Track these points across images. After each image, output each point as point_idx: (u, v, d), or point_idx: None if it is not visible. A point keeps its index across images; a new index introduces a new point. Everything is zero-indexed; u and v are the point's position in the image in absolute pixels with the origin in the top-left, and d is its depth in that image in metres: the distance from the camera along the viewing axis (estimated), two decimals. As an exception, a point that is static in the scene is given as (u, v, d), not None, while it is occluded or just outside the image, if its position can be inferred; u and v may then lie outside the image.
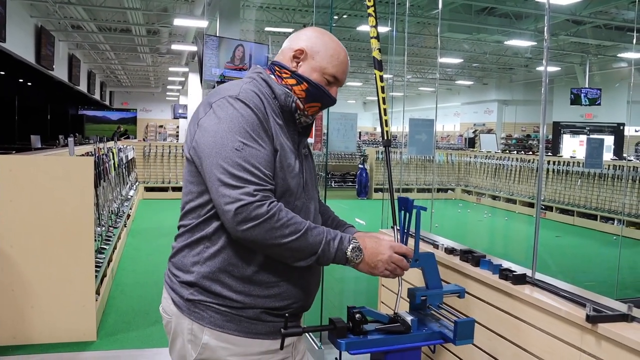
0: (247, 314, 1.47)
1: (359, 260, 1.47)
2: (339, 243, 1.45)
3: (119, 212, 6.80)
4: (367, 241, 1.50)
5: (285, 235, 1.38)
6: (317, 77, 1.56)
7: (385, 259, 1.49)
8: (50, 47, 13.39)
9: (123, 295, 4.96)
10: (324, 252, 1.43)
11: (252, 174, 1.37)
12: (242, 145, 1.39)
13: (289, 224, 1.39)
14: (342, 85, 1.66)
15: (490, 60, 18.83)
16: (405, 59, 3.44)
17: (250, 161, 1.38)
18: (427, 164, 13.51)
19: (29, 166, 3.75)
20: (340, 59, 1.60)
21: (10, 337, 3.71)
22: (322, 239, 1.43)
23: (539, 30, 13.14)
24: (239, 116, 1.42)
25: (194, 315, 1.48)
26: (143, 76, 26.45)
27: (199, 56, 7.21)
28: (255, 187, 1.37)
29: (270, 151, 1.44)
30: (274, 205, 1.38)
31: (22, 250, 3.68)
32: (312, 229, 1.43)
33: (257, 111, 1.44)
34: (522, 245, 8.05)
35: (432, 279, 1.72)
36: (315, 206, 1.65)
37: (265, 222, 1.36)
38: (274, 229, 1.37)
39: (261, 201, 1.36)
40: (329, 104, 1.63)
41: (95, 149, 6.14)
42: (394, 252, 1.51)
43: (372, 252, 1.49)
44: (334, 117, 3.62)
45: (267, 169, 1.41)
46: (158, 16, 13.26)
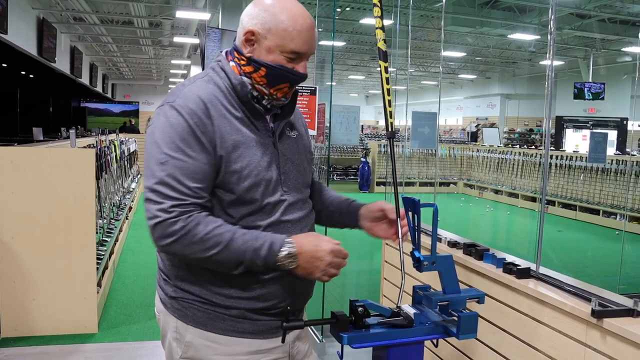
0: (230, 312, 1.43)
1: (291, 267, 1.37)
2: (267, 250, 1.35)
3: (120, 204, 6.80)
4: (304, 244, 1.37)
5: (205, 250, 1.32)
6: (275, 57, 1.41)
7: (322, 266, 1.37)
8: (52, 39, 13.36)
9: (124, 287, 4.96)
10: (252, 261, 1.35)
11: (172, 188, 1.32)
12: (167, 157, 1.33)
13: (207, 238, 1.32)
14: (310, 55, 1.47)
15: (493, 54, 18.76)
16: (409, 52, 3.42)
17: (173, 174, 1.32)
18: (429, 157, 13.49)
19: (31, 158, 3.73)
20: (297, 28, 1.40)
21: (12, 329, 3.71)
22: (247, 248, 1.34)
23: (543, 23, 13.07)
24: (168, 126, 1.35)
25: (178, 313, 1.45)
26: (145, 69, 26.41)
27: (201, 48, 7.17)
28: (173, 202, 1.31)
29: (204, 160, 1.35)
30: (191, 220, 1.32)
31: (23, 243, 3.68)
32: (236, 238, 1.34)
33: (190, 118, 1.35)
34: (524, 239, 8.03)
35: (450, 283, 1.63)
36: (303, 196, 1.55)
37: (182, 238, 1.31)
38: (192, 244, 1.32)
39: (176, 217, 1.31)
40: (298, 81, 1.46)
41: (97, 141, 6.12)
42: (334, 256, 1.38)
43: (310, 256, 1.37)
44: (337, 109, 3.60)
45: (192, 181, 1.33)
46: (160, 8, 13.22)
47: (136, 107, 29.42)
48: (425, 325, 1.59)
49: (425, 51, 18.32)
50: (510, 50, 18.01)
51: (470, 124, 23.10)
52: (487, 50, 17.81)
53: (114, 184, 6.57)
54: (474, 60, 20.81)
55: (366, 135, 17.95)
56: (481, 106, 25.06)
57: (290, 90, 1.47)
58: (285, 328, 1.40)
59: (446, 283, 1.65)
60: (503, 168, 12.57)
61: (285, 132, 1.53)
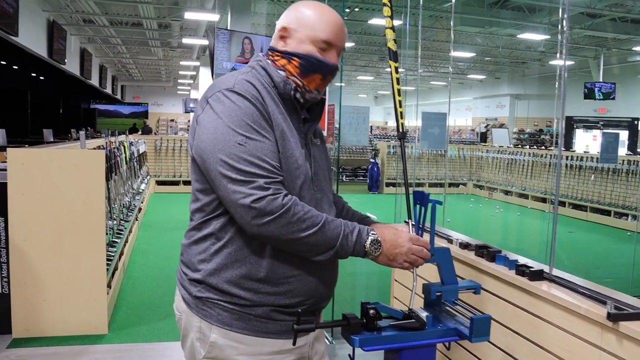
0: (256, 312, 1.43)
1: (377, 253, 1.43)
2: (357, 236, 1.41)
3: (130, 205, 6.82)
4: (385, 233, 1.46)
5: (301, 230, 1.34)
6: (307, 48, 1.47)
7: (404, 251, 1.46)
8: (62, 41, 13.45)
9: (134, 288, 4.97)
10: (342, 246, 1.39)
11: (260, 167, 1.33)
12: (245, 139, 1.34)
13: (305, 218, 1.34)
14: (342, 47, 1.53)
15: (502, 54, 18.67)
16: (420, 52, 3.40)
17: (257, 154, 1.33)
18: (438, 158, 13.44)
19: (41, 160, 3.74)
20: (326, 19, 1.49)
21: (24, 330, 3.72)
22: (340, 232, 1.39)
23: (553, 23, 12.99)
24: (237, 109, 1.37)
25: (202, 313, 1.46)
26: (154, 70, 26.52)
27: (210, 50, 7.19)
28: (266, 179, 1.32)
29: (274, 141, 1.39)
30: (289, 199, 1.34)
31: (34, 244, 3.69)
32: (329, 222, 1.38)
33: (254, 101, 1.38)
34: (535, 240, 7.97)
35: (448, 275, 1.68)
36: (328, 198, 1.59)
37: (281, 216, 1.32)
38: (290, 224, 1.33)
39: (275, 194, 1.32)
40: (329, 71, 1.50)
41: (107, 143, 6.14)
42: (413, 244, 1.47)
43: (391, 244, 1.45)
44: (346, 110, 3.59)
45: (274, 161, 1.36)
46: (169, 10, 13.27)
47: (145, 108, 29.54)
48: (437, 328, 1.57)
49: (434, 51, 18.28)
50: (519, 50, 17.92)
51: (480, 125, 23.03)
52: (496, 50, 17.73)
53: (124, 185, 6.59)
54: (483, 61, 20.73)
55: (375, 136, 17.93)
56: (490, 106, 24.96)
57: (323, 83, 1.51)
58: (297, 330, 1.40)
59: (444, 274, 1.69)
60: (513, 169, 12.50)
61: (311, 138, 1.57)
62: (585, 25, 13.21)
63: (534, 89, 22.61)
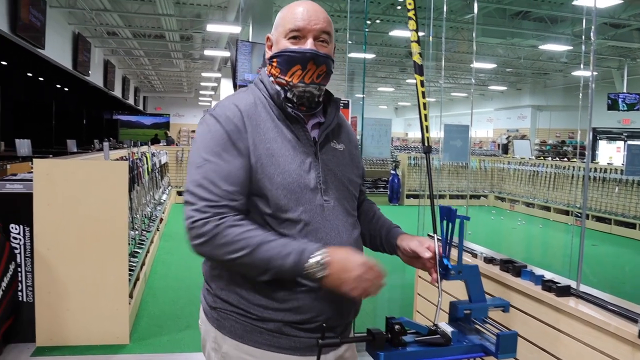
0: (267, 326, 1.42)
1: (320, 275, 1.34)
2: (296, 257, 1.34)
3: (152, 216, 6.87)
4: (337, 255, 1.35)
5: (232, 252, 1.34)
6: (282, 45, 1.48)
7: (353, 277, 1.33)
8: (86, 53, 13.69)
9: (155, 299, 4.99)
10: (279, 267, 1.34)
11: (206, 189, 1.36)
12: (204, 161, 1.39)
13: (235, 240, 1.34)
14: (318, 28, 1.47)
15: (524, 65, 18.55)
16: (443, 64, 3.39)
17: (208, 177, 1.37)
18: (459, 170, 13.35)
19: (66, 170, 3.80)
20: (293, 10, 1.48)
21: (47, 339, 3.76)
22: (276, 253, 1.34)
23: (576, 34, 12.88)
24: (207, 132, 1.42)
25: (216, 323, 1.47)
26: (176, 81, 26.83)
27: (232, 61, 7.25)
28: (207, 203, 1.36)
29: (238, 164, 1.39)
30: (223, 222, 1.35)
31: (58, 253, 3.73)
32: (265, 243, 1.35)
33: (226, 125, 1.41)
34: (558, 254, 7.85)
35: (476, 292, 1.64)
36: (344, 206, 1.52)
37: (212, 239, 1.35)
38: (221, 246, 1.35)
39: (208, 218, 1.35)
40: (306, 59, 1.45)
41: (130, 153, 6.21)
42: (366, 270, 1.35)
43: (341, 267, 1.34)
44: (368, 122, 3.59)
45: (226, 184, 1.37)
46: (191, 22, 13.44)
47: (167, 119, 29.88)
48: (462, 344, 1.55)
49: (454, 63, 18.23)
50: (541, 61, 17.79)
51: (501, 136, 22.84)
52: (517, 61, 17.63)
53: (146, 195, 6.65)
54: (505, 72, 20.61)
55: (396, 147, 17.87)
56: (512, 118, 24.78)
57: (306, 73, 1.46)
58: (321, 345, 1.37)
59: (472, 292, 1.65)
60: (535, 180, 12.36)
61: (329, 143, 1.54)
62: (608, 35, 13.08)
63: (556, 100, 22.40)
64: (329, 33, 1.50)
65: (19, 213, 3.75)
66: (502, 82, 23.27)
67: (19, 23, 8.73)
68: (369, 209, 1.73)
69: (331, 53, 1.51)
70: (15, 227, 3.76)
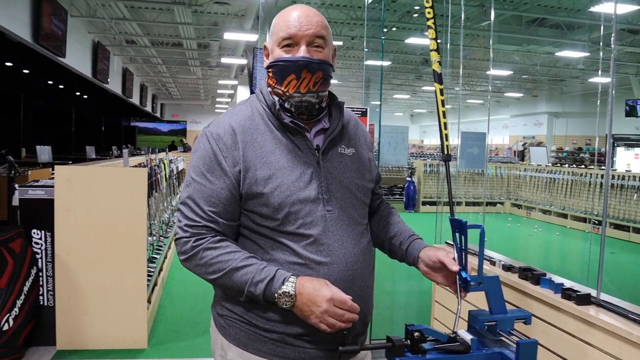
0: (271, 336, 1.41)
1: (287, 306, 1.34)
2: (266, 285, 1.34)
3: (169, 222, 6.93)
4: (306, 287, 1.32)
5: (209, 273, 1.38)
6: (276, 54, 1.44)
7: (319, 312, 1.30)
8: (105, 62, 13.87)
9: (172, 304, 5.03)
10: (251, 292, 1.35)
11: (190, 209, 1.40)
12: (191, 180, 1.43)
13: (211, 263, 1.37)
14: (311, 34, 1.42)
15: (540, 71, 18.44)
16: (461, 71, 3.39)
17: (192, 196, 1.40)
18: (475, 177, 13.28)
19: (86, 177, 3.85)
20: (284, 18, 1.44)
21: (67, 342, 3.80)
22: (248, 279, 1.35)
23: (593, 40, 12.79)
24: (197, 151, 1.45)
25: (223, 331, 1.48)
26: (193, 89, 27.05)
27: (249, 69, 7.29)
28: (188, 222, 1.40)
29: (222, 185, 1.40)
30: (201, 243, 1.38)
31: (78, 258, 3.78)
32: (238, 268, 1.36)
33: (215, 144, 1.41)
34: (575, 261, 7.78)
35: (497, 304, 1.61)
36: (350, 215, 1.48)
37: (191, 258, 1.39)
38: (199, 266, 1.39)
39: (188, 238, 1.39)
40: (299, 67, 1.40)
41: (147, 160, 6.27)
42: (334, 305, 1.30)
43: (307, 300, 1.31)
44: (386, 130, 3.60)
45: (207, 205, 1.39)
46: (208, 30, 13.57)
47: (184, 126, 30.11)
48: (482, 352, 1.55)
49: (470, 70, 18.18)
50: (558, 67, 17.68)
51: (517, 143, 22.70)
52: (534, 68, 17.53)
53: (163, 201, 6.71)
54: (521, 79, 20.51)
55: (411, 154, 17.83)
56: (528, 125, 24.63)
57: (301, 82, 1.41)
58: (341, 352, 1.38)
59: (493, 303, 1.62)
60: (551, 188, 12.26)
61: (335, 148, 1.50)
62: (626, 41, 12.96)
63: (573, 107, 22.23)
64: (324, 37, 1.44)
65: (40, 219, 3.81)
66: (518, 89, 23.16)
67: (41, 32, 8.88)
68: (386, 215, 1.69)
69: (328, 57, 1.46)
70: (36, 232, 3.82)
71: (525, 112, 24.86)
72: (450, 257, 1.50)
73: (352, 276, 1.45)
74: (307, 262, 1.40)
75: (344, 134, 1.54)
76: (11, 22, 8.03)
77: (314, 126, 1.49)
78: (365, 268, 1.51)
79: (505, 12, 11.56)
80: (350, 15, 11.89)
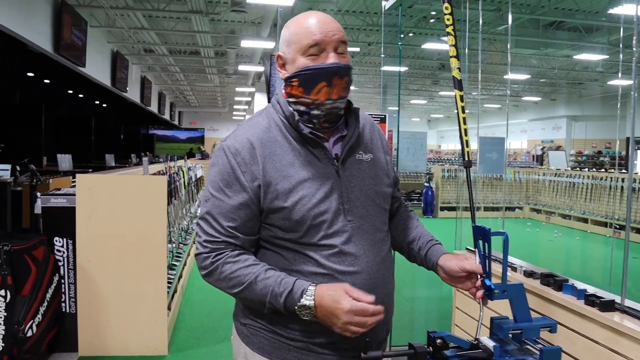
0: (296, 344, 1.41)
1: (307, 319, 1.33)
2: (286, 298, 1.33)
3: (188, 229, 6.97)
4: (325, 299, 1.30)
5: (230, 287, 1.39)
6: (300, 63, 1.40)
7: (340, 324, 1.29)
8: (124, 70, 14.04)
9: (192, 311, 5.05)
10: (273, 305, 1.35)
11: (209, 224, 1.40)
12: (210, 195, 1.42)
13: (231, 277, 1.38)
14: (337, 39, 1.40)
15: (558, 75, 18.28)
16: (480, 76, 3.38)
17: (211, 212, 1.41)
18: (494, 182, 13.18)
19: (107, 185, 3.90)
20: (304, 25, 1.41)
21: (89, 348, 3.84)
22: (268, 292, 1.34)
23: (612, 42, 12.65)
24: (215, 165, 1.44)
25: (246, 340, 1.47)
26: (211, 96, 27.26)
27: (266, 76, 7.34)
28: (207, 238, 1.40)
29: (241, 200, 1.39)
30: (220, 258, 1.39)
31: (99, 266, 3.82)
32: (257, 281, 1.35)
33: (233, 159, 1.40)
34: (597, 266, 7.68)
35: (521, 312, 1.59)
36: (373, 224, 1.48)
37: (211, 273, 1.40)
38: (219, 281, 1.40)
39: (207, 253, 1.39)
40: (331, 73, 1.38)
41: (166, 168, 6.32)
42: (354, 315, 1.27)
43: (327, 312, 1.30)
44: (404, 136, 3.59)
45: (226, 220, 1.39)
46: (226, 38, 13.68)
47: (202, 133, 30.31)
48: (505, 359, 1.53)
49: (487, 74, 18.09)
50: (576, 70, 17.51)
51: (536, 147, 22.51)
52: (552, 71, 17.38)
53: (182, 209, 6.75)
54: (539, 82, 20.35)
55: (429, 160, 17.75)
56: (546, 128, 24.42)
57: (332, 89, 1.39)
58: (364, 359, 1.38)
59: (517, 311, 1.60)
60: (571, 192, 12.11)
61: (354, 155, 1.49)
62: (647, 43, 12.80)
63: (592, 110, 22.00)
64: (346, 42, 1.44)
65: (62, 226, 3.86)
66: (536, 93, 22.97)
67: (62, 43, 9.03)
68: (404, 218, 1.68)
69: (349, 63, 1.45)
70: (59, 240, 3.87)
71: (544, 115, 24.65)
72: (475, 265, 1.49)
73: (375, 284, 1.45)
74: (331, 273, 1.40)
75: (361, 139, 1.53)
76: (33, 34, 8.18)
77: (332, 134, 1.48)
78: (387, 276, 1.51)
79: (523, 16, 11.50)
80: (367, 22, 11.91)
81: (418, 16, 11.82)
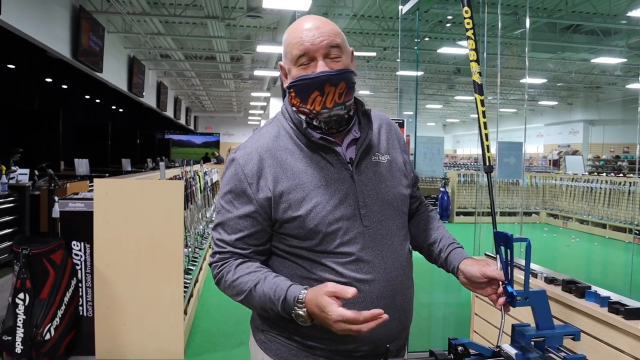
0: (315, 352, 1.40)
1: (308, 324, 1.29)
2: (282, 305, 1.30)
3: (204, 233, 6.99)
4: (314, 308, 1.25)
5: (234, 295, 1.41)
6: (294, 73, 1.38)
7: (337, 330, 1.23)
8: (140, 76, 14.16)
9: (208, 315, 5.06)
10: (273, 311, 1.33)
11: (219, 235, 1.44)
12: (220, 207, 1.45)
13: (233, 285, 1.39)
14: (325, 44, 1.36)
15: (575, 79, 18.12)
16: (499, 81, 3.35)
17: (221, 223, 1.44)
18: (511, 187, 13.07)
19: (124, 189, 3.92)
20: (293, 35, 1.38)
21: (106, 352, 3.86)
22: (266, 299, 1.33)
23: (630, 46, 12.51)
24: (225, 176, 1.45)
25: (263, 346, 1.46)
26: (226, 101, 27.40)
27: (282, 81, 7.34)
28: (216, 248, 1.44)
29: (248, 211, 1.39)
30: (224, 268, 1.41)
31: (116, 270, 3.84)
32: (257, 288, 1.34)
33: (240, 170, 1.40)
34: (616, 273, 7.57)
35: (543, 319, 1.56)
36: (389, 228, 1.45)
37: (219, 282, 1.44)
38: (226, 289, 1.43)
39: (215, 263, 1.44)
40: (321, 83, 1.34)
41: (183, 172, 6.35)
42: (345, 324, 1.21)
43: (320, 320, 1.26)
44: (421, 140, 3.58)
45: (233, 232, 1.41)
46: (241, 43, 13.75)
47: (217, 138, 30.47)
48: (527, 367, 1.51)
49: (503, 78, 17.97)
50: (593, 74, 17.34)
51: (552, 152, 22.30)
52: (568, 75, 17.23)
53: (198, 213, 6.77)
54: (555, 86, 20.18)
55: (445, 164, 17.66)
56: (563, 133, 24.19)
57: (325, 98, 1.35)
58: (385, 365, 1.37)
59: (540, 319, 1.56)
60: (589, 197, 11.98)
61: (369, 158, 1.46)
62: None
63: (609, 114, 21.74)
64: (339, 45, 1.38)
65: (79, 230, 3.89)
66: (553, 97, 22.78)
67: (80, 49, 9.14)
68: (425, 218, 1.65)
69: (347, 65, 1.39)
70: (76, 244, 3.90)
71: (560, 120, 24.43)
72: (497, 271, 1.46)
73: (393, 291, 1.43)
74: (350, 281, 1.37)
75: (376, 140, 1.50)
76: (52, 40, 8.29)
77: (345, 137, 1.44)
78: (406, 281, 1.49)
79: (540, 20, 11.41)
80: (382, 26, 11.89)
81: (434, 20, 11.78)
